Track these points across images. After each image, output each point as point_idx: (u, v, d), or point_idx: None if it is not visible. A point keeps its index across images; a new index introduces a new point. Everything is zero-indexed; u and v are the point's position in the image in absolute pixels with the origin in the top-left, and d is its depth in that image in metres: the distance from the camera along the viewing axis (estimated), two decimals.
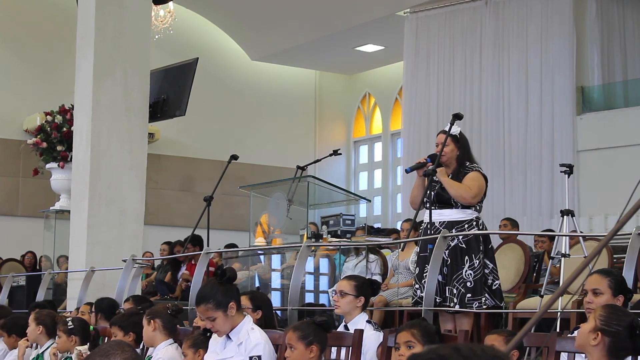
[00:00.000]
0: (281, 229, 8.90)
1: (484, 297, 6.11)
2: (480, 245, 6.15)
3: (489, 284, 6.16)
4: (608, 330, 3.53)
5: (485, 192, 6.29)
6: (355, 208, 11.78)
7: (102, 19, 9.09)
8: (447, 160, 6.34)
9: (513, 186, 12.76)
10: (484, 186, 6.25)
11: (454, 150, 6.33)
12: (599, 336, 3.54)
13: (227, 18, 15.64)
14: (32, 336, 6.41)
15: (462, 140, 6.36)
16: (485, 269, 6.16)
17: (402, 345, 4.09)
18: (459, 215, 6.21)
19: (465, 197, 6.17)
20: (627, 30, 12.90)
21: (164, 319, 5.14)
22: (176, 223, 14.56)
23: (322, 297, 9.12)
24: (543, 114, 12.60)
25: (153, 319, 5.13)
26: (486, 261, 6.18)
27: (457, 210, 6.22)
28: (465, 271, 6.11)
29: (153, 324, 5.11)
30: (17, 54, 14.65)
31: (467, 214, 6.21)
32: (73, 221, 9.17)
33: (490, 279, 6.17)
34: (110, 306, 6.85)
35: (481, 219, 6.27)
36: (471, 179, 6.22)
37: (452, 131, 6.32)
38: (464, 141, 6.38)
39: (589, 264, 4.07)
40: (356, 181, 17.11)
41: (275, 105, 16.55)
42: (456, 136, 6.34)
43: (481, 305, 6.07)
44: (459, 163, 6.33)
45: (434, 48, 13.85)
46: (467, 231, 6.14)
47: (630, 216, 2.65)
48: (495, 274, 6.20)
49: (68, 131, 10.85)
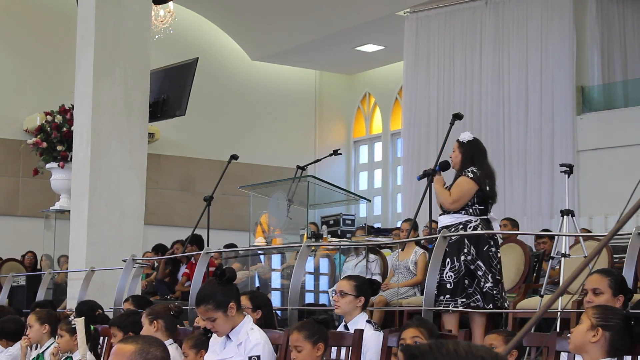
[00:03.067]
0: (281, 229, 8.90)
1: (467, 299, 6.16)
2: (466, 247, 6.20)
3: (480, 285, 6.20)
4: (607, 325, 3.56)
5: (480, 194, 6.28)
6: (355, 208, 11.77)
7: (102, 19, 9.09)
8: (454, 166, 6.45)
9: (513, 186, 12.76)
10: (468, 191, 6.27)
11: (458, 156, 6.41)
12: (599, 332, 3.55)
13: (227, 18, 15.64)
14: (37, 336, 6.36)
15: (468, 146, 6.40)
16: (478, 271, 6.19)
17: (409, 341, 4.11)
18: (448, 220, 6.34)
19: (444, 203, 6.34)
20: (627, 30, 12.89)
21: (166, 320, 5.13)
22: (176, 223, 14.56)
23: (322, 297, 9.11)
24: (543, 114, 12.60)
25: (156, 319, 5.11)
26: (479, 263, 6.20)
27: (449, 215, 6.35)
28: (446, 273, 6.20)
29: (156, 325, 5.10)
30: (17, 54, 14.65)
31: (455, 218, 6.30)
32: (73, 221, 9.17)
33: (483, 281, 6.20)
34: (90, 308, 6.84)
35: (475, 222, 6.26)
36: (455, 185, 6.34)
37: (460, 137, 6.39)
38: (469, 147, 6.40)
39: (589, 263, 4.07)
40: (356, 181, 17.11)
41: (275, 105, 16.55)
42: (462, 142, 6.41)
43: (457, 306, 6.12)
44: (459, 169, 6.39)
45: (434, 48, 13.85)
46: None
47: (630, 216, 2.65)
48: (487, 277, 6.19)
49: (68, 131, 10.85)
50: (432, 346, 1.81)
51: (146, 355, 3.17)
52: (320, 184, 8.96)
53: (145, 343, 3.22)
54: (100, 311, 6.93)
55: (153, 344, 3.25)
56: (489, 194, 6.32)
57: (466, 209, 6.27)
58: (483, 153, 6.50)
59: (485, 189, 6.29)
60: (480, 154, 6.45)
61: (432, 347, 1.81)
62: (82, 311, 6.74)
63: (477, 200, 6.27)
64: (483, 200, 6.31)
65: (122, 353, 3.18)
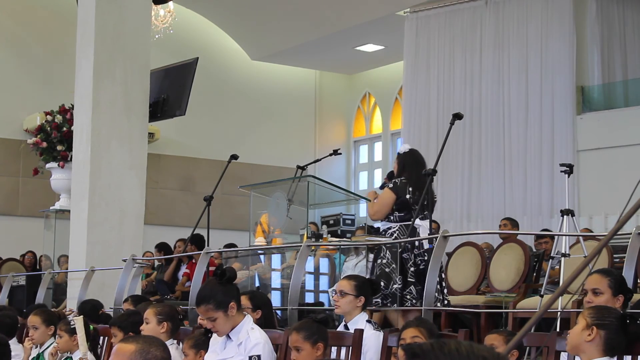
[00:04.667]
0: (281, 229, 8.89)
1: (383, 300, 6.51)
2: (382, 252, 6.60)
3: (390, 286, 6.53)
4: (602, 324, 3.57)
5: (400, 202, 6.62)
6: (355, 208, 11.76)
7: (102, 19, 9.09)
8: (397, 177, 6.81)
9: (513, 186, 12.76)
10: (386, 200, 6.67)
11: (395, 167, 6.85)
12: (594, 331, 3.57)
13: (227, 18, 15.64)
14: (42, 337, 6.35)
15: (402, 157, 6.81)
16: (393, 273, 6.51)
17: (409, 340, 4.11)
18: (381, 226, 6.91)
19: (369, 213, 6.86)
20: (627, 30, 12.89)
21: (174, 323, 5.16)
22: (176, 223, 14.56)
23: (322, 296, 9.11)
24: (543, 114, 12.60)
25: (166, 321, 5.12)
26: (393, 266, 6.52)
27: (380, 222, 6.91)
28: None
29: (165, 326, 5.10)
30: (17, 54, 14.64)
31: (383, 224, 6.81)
32: (73, 221, 9.16)
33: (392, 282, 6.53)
34: (93, 307, 6.85)
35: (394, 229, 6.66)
36: (379, 196, 6.80)
37: (399, 149, 6.79)
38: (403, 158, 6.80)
39: (589, 263, 4.07)
40: (356, 181, 17.11)
41: (275, 104, 16.55)
42: (399, 153, 6.88)
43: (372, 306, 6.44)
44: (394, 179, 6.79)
45: (434, 48, 13.85)
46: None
47: (630, 216, 2.65)
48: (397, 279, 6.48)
49: (68, 131, 10.84)
50: (434, 345, 1.81)
51: (147, 355, 3.17)
52: (320, 183, 8.95)
53: (146, 343, 3.23)
54: (103, 310, 6.94)
55: (154, 344, 3.25)
56: (411, 201, 6.61)
57: (388, 217, 6.69)
58: (415, 163, 6.82)
59: (404, 198, 6.60)
60: (411, 164, 6.79)
61: (434, 346, 1.81)
62: (84, 310, 6.75)
63: (396, 208, 6.65)
64: (404, 207, 6.63)
65: (122, 353, 3.18)
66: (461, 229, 12.72)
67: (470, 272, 8.02)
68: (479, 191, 13.08)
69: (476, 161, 13.18)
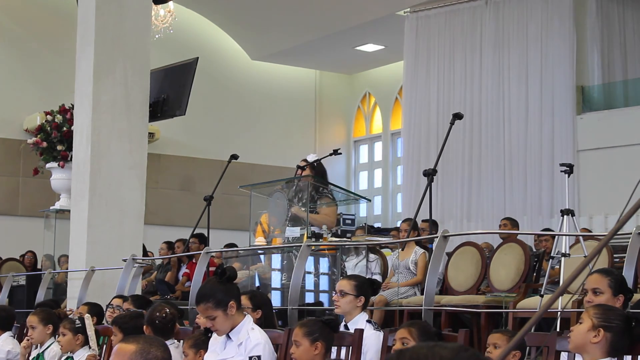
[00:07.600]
0: (281, 229, 8.89)
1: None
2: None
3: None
4: (608, 326, 3.56)
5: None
6: (355, 208, 11.77)
7: (102, 18, 9.09)
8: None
9: (513, 186, 12.76)
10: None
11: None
12: (601, 333, 3.56)
13: (227, 18, 15.64)
14: (40, 337, 6.35)
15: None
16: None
17: (397, 342, 4.12)
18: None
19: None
20: (627, 30, 12.89)
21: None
22: (176, 223, 14.56)
23: (322, 296, 9.11)
24: (543, 114, 12.60)
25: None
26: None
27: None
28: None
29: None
30: (17, 54, 14.64)
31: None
32: (73, 221, 9.17)
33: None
34: (99, 313, 6.85)
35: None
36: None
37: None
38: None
39: (589, 263, 4.07)
40: (356, 181, 17.11)
41: (275, 104, 16.55)
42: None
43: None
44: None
45: (434, 48, 13.85)
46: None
47: (630, 216, 2.64)
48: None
49: (68, 131, 10.85)
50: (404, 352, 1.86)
51: (147, 355, 3.18)
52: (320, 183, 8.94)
53: (146, 343, 3.23)
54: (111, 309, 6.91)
55: (154, 344, 3.25)
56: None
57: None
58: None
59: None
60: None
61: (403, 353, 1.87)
62: (94, 313, 6.75)
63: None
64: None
65: (123, 353, 3.18)
66: (461, 229, 12.71)
67: (470, 272, 8.02)
68: (479, 191, 13.08)
69: (476, 161, 13.18)
